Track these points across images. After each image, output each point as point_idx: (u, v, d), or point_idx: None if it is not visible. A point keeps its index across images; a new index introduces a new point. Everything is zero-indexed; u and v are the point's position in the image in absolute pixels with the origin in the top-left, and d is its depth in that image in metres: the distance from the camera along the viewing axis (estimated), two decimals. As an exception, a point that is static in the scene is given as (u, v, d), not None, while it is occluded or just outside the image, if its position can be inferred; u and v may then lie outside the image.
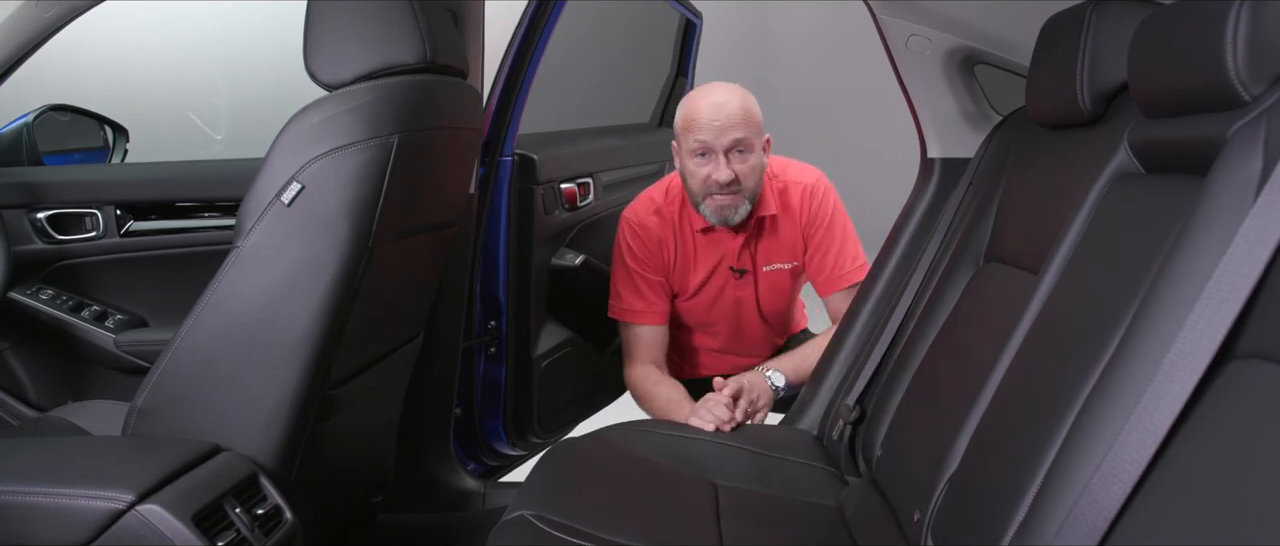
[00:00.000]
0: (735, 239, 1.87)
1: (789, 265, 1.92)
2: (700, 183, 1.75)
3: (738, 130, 1.71)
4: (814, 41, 5.59)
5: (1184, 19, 0.83)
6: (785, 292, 1.96)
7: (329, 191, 1.15)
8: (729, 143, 1.71)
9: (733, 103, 1.72)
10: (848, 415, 1.51)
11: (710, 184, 1.74)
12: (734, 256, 1.89)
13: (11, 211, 1.65)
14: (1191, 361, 0.65)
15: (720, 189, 1.74)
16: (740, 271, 1.90)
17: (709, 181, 1.74)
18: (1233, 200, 0.71)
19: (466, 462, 1.98)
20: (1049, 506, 0.75)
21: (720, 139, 1.71)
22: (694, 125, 1.72)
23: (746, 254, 1.89)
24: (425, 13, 1.25)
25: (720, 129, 1.70)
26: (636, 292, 1.90)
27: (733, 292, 1.92)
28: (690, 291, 1.92)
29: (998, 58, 1.62)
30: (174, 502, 1.06)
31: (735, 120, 1.71)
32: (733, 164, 1.72)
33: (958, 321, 1.34)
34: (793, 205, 1.88)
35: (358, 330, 1.26)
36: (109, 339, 1.68)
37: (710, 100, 1.73)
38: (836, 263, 1.89)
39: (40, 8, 1.50)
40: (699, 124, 1.72)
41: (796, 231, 1.89)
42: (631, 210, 1.93)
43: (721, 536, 1.24)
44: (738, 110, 1.71)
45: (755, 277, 1.92)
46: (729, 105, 1.72)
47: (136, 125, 1.98)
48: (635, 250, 1.89)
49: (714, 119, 1.70)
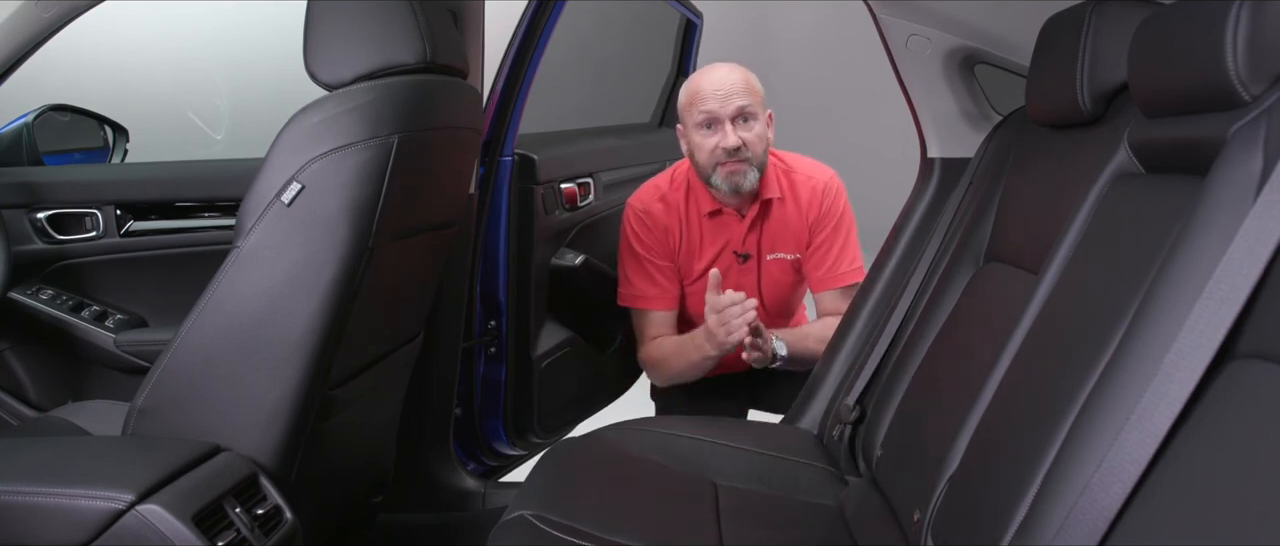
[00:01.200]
0: (740, 223, 1.90)
1: (792, 257, 1.94)
2: (708, 153, 1.79)
3: (741, 98, 1.77)
4: (814, 41, 5.59)
5: (1184, 19, 0.83)
6: (788, 284, 1.97)
7: (329, 191, 1.15)
8: (733, 110, 1.77)
9: (734, 74, 1.79)
10: (848, 415, 1.52)
11: (718, 153, 1.78)
12: (739, 241, 1.91)
13: (11, 211, 1.65)
14: (1191, 361, 0.65)
15: (728, 156, 1.78)
16: (744, 256, 1.92)
17: (717, 150, 1.78)
18: (1233, 200, 0.71)
19: (466, 462, 1.98)
20: (1049, 506, 0.75)
21: (725, 106, 1.76)
22: (698, 98, 1.79)
23: (751, 238, 1.91)
24: (425, 13, 1.25)
25: (724, 97, 1.76)
26: (647, 278, 1.93)
27: (736, 279, 1.93)
28: (695, 275, 1.94)
29: (998, 58, 1.62)
30: (174, 502, 1.06)
31: (737, 89, 1.77)
32: (739, 131, 1.77)
33: (958, 321, 1.34)
34: (801, 198, 1.90)
35: (358, 330, 1.26)
36: (109, 339, 1.68)
37: (712, 74, 1.80)
38: (835, 261, 1.91)
39: (40, 8, 1.50)
40: (702, 95, 1.78)
41: (804, 225, 1.91)
42: (636, 198, 1.96)
43: (721, 536, 1.24)
44: (740, 80, 1.78)
45: (759, 264, 1.94)
46: (731, 76, 1.79)
47: (136, 125, 1.98)
48: (641, 236, 1.92)
49: (717, 89, 1.77)
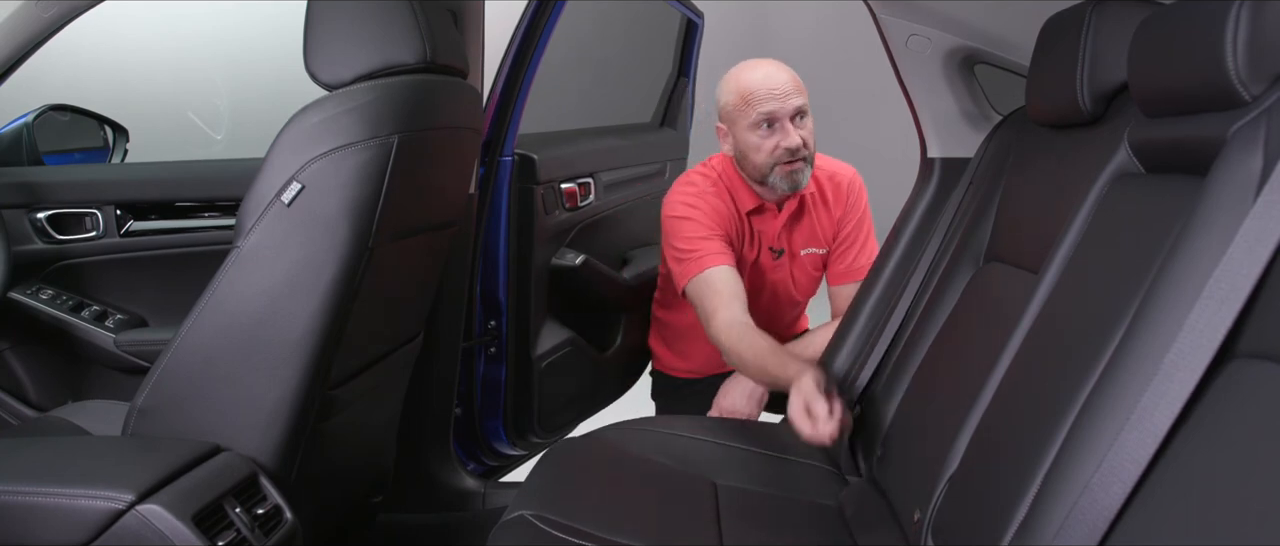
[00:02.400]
0: (777, 218, 1.89)
1: (822, 251, 1.95)
2: (768, 153, 1.75)
3: (798, 96, 1.74)
4: (814, 41, 5.58)
5: (1184, 19, 0.83)
6: (815, 279, 1.99)
7: (329, 191, 1.15)
8: (793, 109, 1.74)
9: (783, 73, 1.76)
10: (848, 415, 1.51)
11: (780, 152, 1.75)
12: (774, 237, 1.91)
13: (11, 211, 1.65)
14: (1191, 361, 0.65)
15: (790, 156, 1.75)
16: (778, 251, 1.92)
17: (778, 150, 1.74)
18: (1233, 200, 0.71)
19: (466, 462, 1.98)
20: (1049, 506, 0.75)
21: (785, 106, 1.73)
22: (754, 99, 1.74)
23: (785, 234, 1.92)
24: (425, 13, 1.25)
25: (783, 97, 1.73)
26: (706, 240, 1.78)
27: (770, 274, 1.94)
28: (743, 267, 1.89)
29: (998, 58, 1.62)
30: (174, 502, 1.06)
31: (793, 87, 1.74)
32: (799, 130, 1.75)
33: (958, 321, 1.34)
34: (829, 194, 1.92)
35: (358, 330, 1.26)
36: (109, 339, 1.68)
37: (762, 73, 1.75)
38: (856, 256, 1.93)
39: (40, 8, 1.50)
40: (758, 96, 1.73)
41: (831, 221, 1.93)
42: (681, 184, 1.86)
43: (721, 536, 1.24)
44: (790, 79, 1.75)
45: (791, 260, 1.94)
46: (781, 75, 1.75)
47: (136, 125, 1.98)
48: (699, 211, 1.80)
49: (775, 88, 1.73)
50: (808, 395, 1.33)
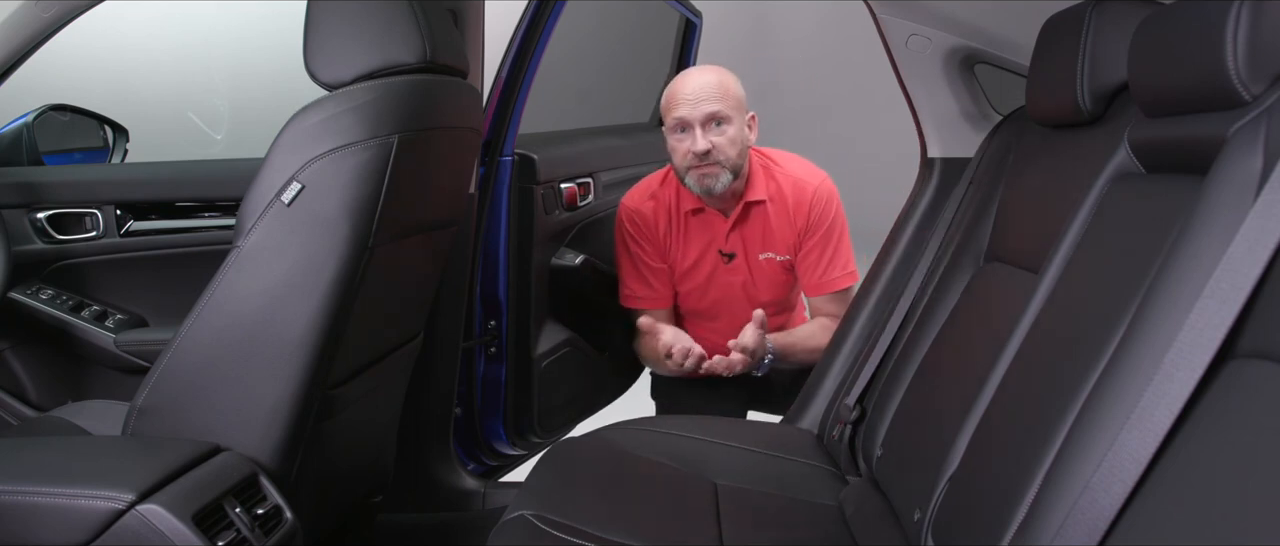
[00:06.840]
0: (723, 222, 1.93)
1: (783, 258, 1.95)
2: (681, 157, 1.84)
3: (711, 104, 1.79)
4: (814, 41, 5.58)
5: (1184, 19, 0.83)
6: (784, 283, 1.99)
7: (329, 191, 1.15)
8: (703, 116, 1.80)
9: (708, 78, 1.82)
10: (848, 415, 1.52)
11: (688, 157, 1.82)
12: (722, 239, 1.94)
13: (11, 211, 1.65)
14: (1192, 361, 0.65)
15: (698, 160, 1.81)
16: (728, 255, 1.95)
17: (687, 154, 1.82)
18: (1233, 199, 0.71)
19: (466, 462, 1.98)
20: (1049, 506, 0.75)
21: (695, 112, 1.80)
22: (671, 103, 1.83)
23: (735, 238, 1.94)
24: (425, 13, 1.25)
25: (694, 103, 1.80)
26: (640, 279, 1.98)
27: (725, 277, 1.96)
28: (683, 268, 1.98)
29: (998, 57, 1.62)
30: (174, 502, 1.06)
31: (710, 94, 1.80)
32: (708, 136, 1.80)
33: (958, 321, 1.34)
34: (789, 202, 1.91)
35: (358, 330, 1.26)
36: (109, 339, 1.68)
37: (687, 79, 1.84)
38: (826, 268, 1.92)
39: (40, 8, 1.50)
40: (675, 101, 1.82)
41: (792, 229, 1.92)
42: (628, 197, 2.01)
43: (721, 536, 1.24)
44: (713, 84, 1.81)
45: (748, 265, 1.95)
46: (704, 80, 1.82)
47: (136, 125, 1.98)
48: (633, 234, 1.97)
49: (689, 95, 1.80)
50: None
